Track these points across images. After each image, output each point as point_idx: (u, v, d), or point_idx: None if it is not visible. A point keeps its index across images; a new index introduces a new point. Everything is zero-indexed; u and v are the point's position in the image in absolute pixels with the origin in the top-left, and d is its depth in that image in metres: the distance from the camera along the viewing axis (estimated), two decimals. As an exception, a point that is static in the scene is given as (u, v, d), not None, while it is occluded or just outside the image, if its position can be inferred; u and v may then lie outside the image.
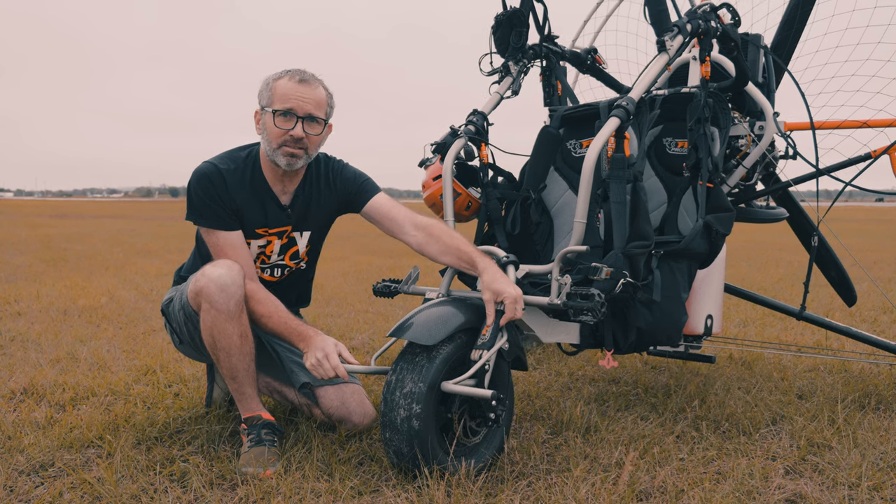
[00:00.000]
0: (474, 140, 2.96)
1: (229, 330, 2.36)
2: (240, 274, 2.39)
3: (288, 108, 2.45)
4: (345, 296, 6.43)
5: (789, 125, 3.30)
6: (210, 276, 2.35)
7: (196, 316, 2.45)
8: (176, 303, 2.60)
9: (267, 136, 2.50)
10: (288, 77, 2.49)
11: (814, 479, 2.28)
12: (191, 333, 2.56)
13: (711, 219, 2.71)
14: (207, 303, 2.35)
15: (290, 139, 2.47)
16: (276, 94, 2.47)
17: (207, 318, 2.36)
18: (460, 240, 2.52)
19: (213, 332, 2.37)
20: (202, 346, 2.50)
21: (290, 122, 2.47)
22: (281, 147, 2.48)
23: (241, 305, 2.38)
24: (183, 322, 2.56)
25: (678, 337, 2.73)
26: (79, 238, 14.89)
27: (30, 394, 3.12)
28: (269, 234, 2.61)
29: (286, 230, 2.65)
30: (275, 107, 2.46)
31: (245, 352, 2.41)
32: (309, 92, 2.48)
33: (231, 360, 2.40)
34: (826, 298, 6.22)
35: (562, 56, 3.34)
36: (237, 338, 2.38)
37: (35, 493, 2.13)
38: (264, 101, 2.50)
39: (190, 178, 2.53)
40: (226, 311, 2.35)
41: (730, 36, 2.81)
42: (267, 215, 2.59)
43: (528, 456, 2.43)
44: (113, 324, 4.90)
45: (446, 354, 2.22)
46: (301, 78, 2.49)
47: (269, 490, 2.13)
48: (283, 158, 2.49)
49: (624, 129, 2.55)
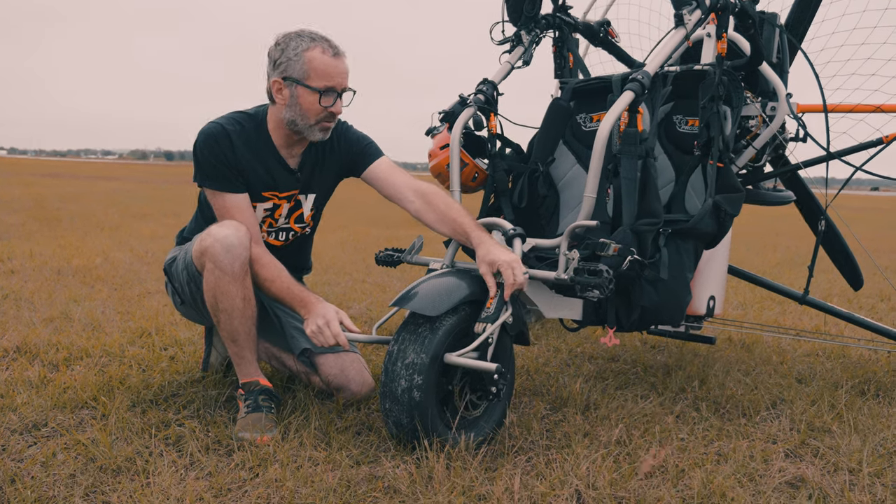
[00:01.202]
0: (483, 110, 2.90)
1: (232, 291, 2.32)
2: (246, 235, 2.35)
3: (331, 87, 2.40)
4: (342, 265, 6.40)
5: (802, 107, 3.25)
6: (216, 237, 2.31)
7: (199, 276, 2.41)
8: (179, 262, 2.55)
9: (301, 111, 2.42)
10: (321, 49, 2.39)
11: (815, 463, 2.27)
12: (193, 294, 2.52)
13: (721, 199, 2.67)
14: (212, 263, 2.30)
15: (329, 115, 2.43)
16: (313, 70, 2.38)
17: (211, 278, 2.32)
18: (458, 210, 2.48)
19: (215, 293, 2.33)
20: (204, 308, 2.46)
21: (331, 100, 2.41)
22: (319, 122, 2.43)
23: (245, 267, 2.34)
24: (186, 282, 2.52)
25: (681, 317, 2.70)
26: (73, 198, 14.78)
27: (23, 352, 3.08)
28: (278, 197, 2.56)
29: (293, 194, 2.60)
30: (315, 84, 2.38)
31: (247, 315, 2.38)
32: (343, 66, 2.43)
33: (232, 323, 2.36)
34: (825, 284, 6.22)
35: (574, 27, 3.27)
36: (240, 300, 2.34)
37: (28, 452, 2.10)
38: (296, 73, 2.38)
39: (196, 138, 2.46)
40: (230, 272, 2.30)
41: (748, 13, 2.75)
42: (276, 179, 2.54)
43: (527, 431, 2.41)
44: (107, 285, 4.85)
45: (449, 326, 2.18)
46: (335, 51, 2.41)
47: (265, 457, 2.11)
48: (321, 133, 2.46)
49: (638, 103, 2.50)
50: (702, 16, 2.66)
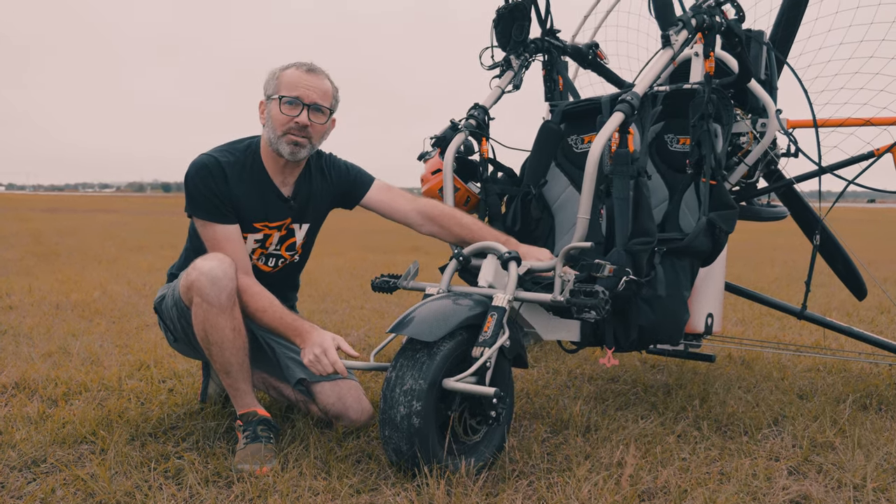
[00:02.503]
0: (475, 134, 2.93)
1: (221, 323, 2.32)
2: (231, 267, 2.35)
3: (295, 96, 2.44)
4: (339, 292, 6.39)
5: (792, 122, 3.27)
6: (201, 270, 2.31)
7: (189, 311, 2.40)
8: (168, 299, 2.56)
9: (272, 123, 2.47)
10: (296, 67, 2.48)
11: (818, 479, 2.25)
12: (184, 329, 2.52)
13: (715, 216, 2.68)
14: (199, 296, 2.30)
15: (295, 126, 2.44)
16: (282, 83, 2.46)
17: (199, 311, 2.32)
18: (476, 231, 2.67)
19: (205, 327, 2.33)
20: (196, 343, 2.45)
21: (296, 110, 2.44)
22: (285, 135, 2.45)
23: (232, 298, 2.34)
24: (176, 319, 2.52)
25: (679, 335, 2.70)
26: (70, 232, 14.79)
27: (21, 388, 3.07)
28: (268, 228, 2.57)
29: (286, 223, 2.61)
30: (281, 93, 2.44)
31: (238, 346, 2.37)
32: (316, 81, 2.47)
33: (224, 355, 2.35)
34: (824, 298, 6.21)
35: (563, 51, 3.31)
36: (230, 331, 2.34)
37: (27, 489, 2.08)
38: (270, 90, 2.48)
39: (188, 170, 2.48)
40: (217, 304, 2.30)
41: (734, 32, 2.77)
42: (267, 208, 2.55)
43: (528, 455, 2.40)
44: (105, 318, 4.84)
45: (447, 351, 2.18)
46: (309, 68, 2.48)
47: (265, 488, 2.09)
48: (287, 147, 2.46)
49: (628, 124, 2.52)
50: (688, 36, 2.68)
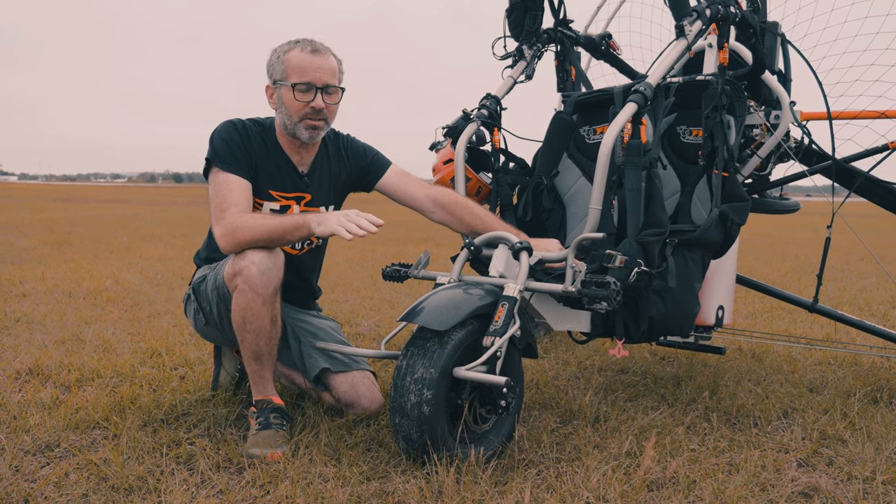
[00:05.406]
0: (487, 124, 2.92)
1: (263, 313, 2.34)
2: (281, 259, 2.37)
3: (307, 82, 2.44)
4: (349, 282, 6.41)
5: (805, 115, 3.25)
6: (251, 259, 2.32)
7: (230, 297, 2.41)
8: (210, 282, 2.56)
9: (286, 110, 2.48)
10: (299, 49, 2.47)
11: (828, 472, 2.25)
12: (220, 315, 2.54)
13: (727, 208, 2.67)
14: (246, 284, 2.31)
15: (311, 111, 2.46)
16: (290, 68, 2.46)
17: (242, 299, 2.34)
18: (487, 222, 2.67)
19: (245, 314, 2.34)
20: (229, 328, 2.47)
21: (310, 95, 2.45)
22: (302, 120, 2.47)
23: (277, 290, 2.36)
24: (215, 303, 2.54)
25: (690, 327, 2.70)
26: (83, 222, 14.88)
27: (35, 374, 3.10)
28: (285, 198, 2.58)
29: (304, 197, 2.62)
30: (292, 80, 2.45)
31: (272, 336, 2.40)
32: (323, 62, 2.47)
33: (258, 343, 2.38)
34: (835, 292, 6.18)
35: (576, 41, 3.29)
36: (268, 321, 2.36)
37: (41, 473, 2.11)
38: (277, 74, 2.48)
39: (215, 128, 2.52)
40: (263, 294, 2.32)
41: (748, 22, 2.76)
42: (283, 177, 2.58)
43: (537, 444, 2.41)
44: (118, 306, 4.88)
45: (458, 340, 2.19)
46: (313, 48, 2.48)
47: (276, 474, 2.11)
48: (306, 132, 2.49)
49: (641, 114, 2.51)
50: (703, 27, 2.67)
